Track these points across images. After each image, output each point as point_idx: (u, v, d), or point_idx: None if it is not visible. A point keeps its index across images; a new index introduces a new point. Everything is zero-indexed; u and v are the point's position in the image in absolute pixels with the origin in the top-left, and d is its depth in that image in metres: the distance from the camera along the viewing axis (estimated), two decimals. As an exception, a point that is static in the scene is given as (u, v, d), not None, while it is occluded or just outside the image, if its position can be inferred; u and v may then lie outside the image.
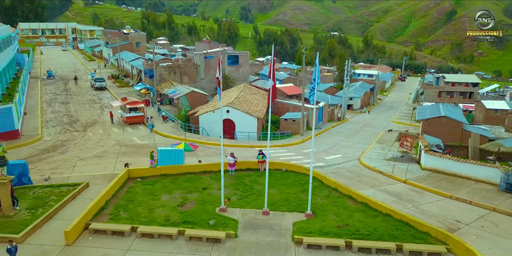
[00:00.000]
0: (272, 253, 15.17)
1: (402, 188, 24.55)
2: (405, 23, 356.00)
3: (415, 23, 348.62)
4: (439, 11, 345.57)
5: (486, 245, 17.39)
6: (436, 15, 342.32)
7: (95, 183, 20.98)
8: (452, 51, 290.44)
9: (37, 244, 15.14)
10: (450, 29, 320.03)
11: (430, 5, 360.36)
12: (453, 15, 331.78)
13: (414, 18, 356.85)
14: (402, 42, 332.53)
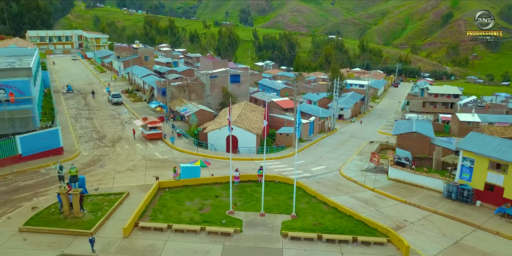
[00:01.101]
0: (266, 243, 22.16)
1: (369, 195, 31.58)
2: (403, 26, 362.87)
3: (412, 26, 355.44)
4: (435, 14, 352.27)
5: (420, 238, 24.45)
6: (433, 18, 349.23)
7: (133, 192, 27.95)
8: (448, 54, 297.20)
9: (104, 237, 22.07)
10: (446, 32, 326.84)
11: (427, 8, 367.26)
12: (450, 18, 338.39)
13: (411, 21, 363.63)
14: (399, 44, 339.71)
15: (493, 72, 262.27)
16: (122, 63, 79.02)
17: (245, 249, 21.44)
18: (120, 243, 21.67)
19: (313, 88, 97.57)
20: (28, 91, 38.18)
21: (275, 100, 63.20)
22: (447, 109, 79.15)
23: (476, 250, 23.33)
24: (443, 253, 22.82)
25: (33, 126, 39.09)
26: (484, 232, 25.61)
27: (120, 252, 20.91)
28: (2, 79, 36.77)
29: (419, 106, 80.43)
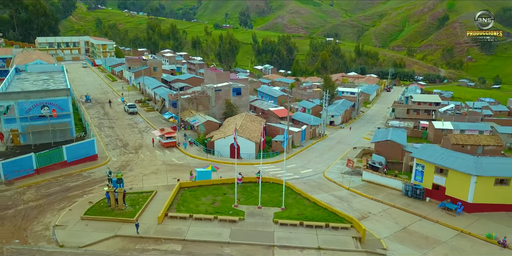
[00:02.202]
0: (262, 228, 30.61)
1: (345, 193, 40.07)
2: (400, 28, 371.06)
3: (409, 28, 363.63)
4: (432, 16, 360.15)
5: (378, 225, 32.94)
6: (429, 20, 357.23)
7: (160, 190, 36.40)
8: (443, 56, 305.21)
9: (143, 223, 30.49)
10: (442, 34, 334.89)
11: (424, 10, 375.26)
12: (446, 21, 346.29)
13: (408, 23, 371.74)
14: (396, 46, 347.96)
15: (487, 74, 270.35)
16: (133, 74, 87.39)
17: (246, 232, 29.92)
18: (156, 227, 30.16)
19: (308, 94, 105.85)
20: (66, 107, 46.60)
21: (272, 109, 71.62)
22: (429, 116, 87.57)
23: (418, 233, 31.87)
24: (392, 235, 31.35)
25: (70, 136, 47.58)
26: (428, 221, 34.15)
27: (157, 233, 29.40)
28: (46, 98, 45.17)
29: (403, 113, 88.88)
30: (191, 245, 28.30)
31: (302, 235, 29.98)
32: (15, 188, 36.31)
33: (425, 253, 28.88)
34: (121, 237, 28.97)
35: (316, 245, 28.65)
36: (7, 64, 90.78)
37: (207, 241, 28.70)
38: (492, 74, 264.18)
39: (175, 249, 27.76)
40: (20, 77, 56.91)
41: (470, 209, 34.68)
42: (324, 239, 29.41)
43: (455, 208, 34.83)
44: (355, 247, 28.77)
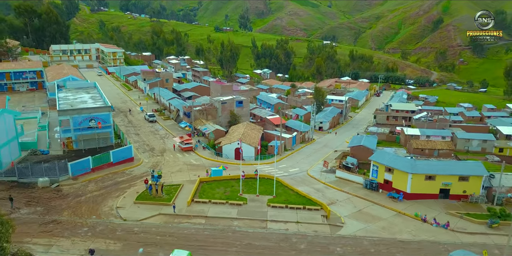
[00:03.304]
0: (259, 209, 45.02)
1: (321, 186, 54.44)
2: (396, 30, 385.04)
3: (405, 31, 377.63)
4: (427, 19, 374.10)
5: (341, 208, 47.36)
6: (425, 23, 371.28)
7: (185, 184, 50.75)
8: (436, 59, 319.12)
9: (177, 206, 44.90)
10: (436, 37, 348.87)
11: (419, 12, 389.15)
12: (440, 24, 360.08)
13: (404, 26, 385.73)
14: (392, 49, 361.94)
15: (478, 77, 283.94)
16: (148, 85, 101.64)
17: (248, 211, 44.34)
18: (186, 208, 44.55)
19: (301, 101, 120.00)
20: (108, 120, 60.90)
21: (269, 118, 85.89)
22: (406, 122, 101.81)
23: (368, 214, 46.24)
24: (350, 215, 45.73)
25: (110, 143, 61.91)
26: (378, 206, 48.52)
27: (187, 212, 43.78)
28: (93, 114, 59.46)
29: (384, 119, 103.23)
30: (211, 219, 42.70)
31: (287, 213, 44.39)
32: (80, 182, 50.67)
33: (368, 225, 43.30)
34: (163, 214, 43.35)
35: (296, 220, 43.07)
36: (37, 76, 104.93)
37: (221, 217, 43.10)
38: (483, 77, 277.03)
39: (200, 222, 42.17)
40: (64, 94, 71.12)
41: (408, 197, 49.11)
42: (301, 216, 43.85)
43: (398, 196, 49.26)
44: (322, 221, 43.21)
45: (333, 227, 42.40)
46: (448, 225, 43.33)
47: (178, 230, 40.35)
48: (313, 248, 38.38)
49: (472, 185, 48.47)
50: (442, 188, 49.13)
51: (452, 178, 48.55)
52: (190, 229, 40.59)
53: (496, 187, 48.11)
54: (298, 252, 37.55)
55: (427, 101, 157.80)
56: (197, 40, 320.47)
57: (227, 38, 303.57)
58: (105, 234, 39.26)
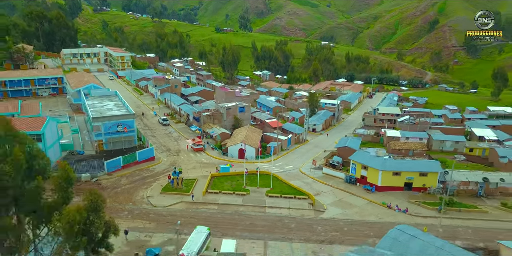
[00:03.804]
0: (259, 198, 57.67)
1: (310, 180, 67.08)
2: (393, 30, 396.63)
3: (402, 31, 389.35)
4: (424, 19, 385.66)
5: (325, 197, 60.07)
6: (421, 23, 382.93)
7: (199, 178, 63.38)
8: (432, 59, 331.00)
9: (194, 195, 57.54)
10: (432, 37, 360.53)
11: (416, 13, 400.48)
12: (436, 24, 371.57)
13: (401, 26, 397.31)
14: (389, 48, 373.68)
15: (472, 77, 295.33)
16: (159, 90, 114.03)
17: (251, 200, 57.03)
18: (202, 197, 57.21)
19: (298, 104, 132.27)
20: (132, 125, 73.37)
21: (268, 121, 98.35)
22: (392, 124, 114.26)
23: (346, 202, 58.89)
24: (331, 203, 58.36)
25: (133, 144, 74.41)
26: (355, 196, 61.14)
27: (203, 200, 56.40)
28: (120, 120, 71.90)
29: (371, 122, 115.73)
30: (221, 206, 55.30)
31: (281, 201, 57.01)
32: (114, 177, 63.23)
33: (345, 211, 55.93)
34: (184, 202, 55.93)
35: (288, 206, 55.68)
36: (58, 82, 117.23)
37: (230, 204, 55.70)
38: (476, 78, 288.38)
39: (214, 208, 54.78)
40: (91, 101, 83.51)
41: (379, 189, 61.72)
42: (292, 203, 56.51)
43: (371, 188, 61.87)
44: (308, 208, 55.84)
45: (317, 212, 55.04)
46: (407, 210, 55.99)
47: (197, 213, 52.96)
48: (300, 227, 51.00)
49: (430, 180, 61.11)
50: (406, 182, 61.76)
51: (414, 174, 61.18)
52: (206, 213, 53.19)
53: (449, 181, 60.70)
54: (289, 230, 50.17)
55: (416, 103, 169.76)
56: (199, 40, 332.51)
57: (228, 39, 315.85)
58: (141, 216, 51.85)
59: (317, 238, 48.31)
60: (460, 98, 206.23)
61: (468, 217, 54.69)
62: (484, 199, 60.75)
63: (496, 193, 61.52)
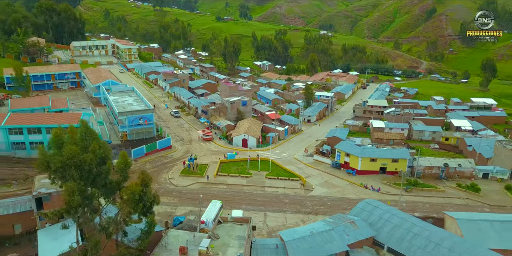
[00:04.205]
0: (259, 179, 71.78)
1: (302, 165, 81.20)
2: (391, 19, 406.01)
3: (400, 19, 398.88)
4: (421, 8, 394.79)
5: (314, 179, 74.27)
6: (419, 12, 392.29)
7: (210, 164, 77.42)
8: (428, 48, 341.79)
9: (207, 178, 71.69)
10: (429, 26, 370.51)
11: (414, 1, 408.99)
12: (433, 13, 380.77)
13: (399, 14, 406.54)
14: (387, 37, 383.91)
15: (466, 66, 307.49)
16: (168, 84, 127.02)
17: (253, 181, 71.22)
18: (214, 179, 71.34)
19: (295, 96, 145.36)
20: (151, 119, 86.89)
21: (267, 113, 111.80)
22: (379, 115, 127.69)
23: (331, 183, 73.06)
24: (319, 184, 72.53)
25: (152, 135, 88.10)
26: (338, 178, 75.29)
27: (215, 181, 70.54)
28: (141, 114, 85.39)
29: (361, 113, 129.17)
30: (230, 186, 69.38)
31: (278, 182, 71.08)
32: (139, 163, 77.10)
33: (329, 190, 70.07)
34: (200, 183, 70.00)
35: (283, 186, 69.80)
36: (76, 76, 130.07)
37: (236, 184, 69.76)
38: (470, 67, 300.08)
39: (223, 187, 68.86)
40: (113, 97, 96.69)
41: (359, 173, 75.72)
42: (286, 184, 70.65)
43: (352, 172, 75.90)
44: (300, 187, 69.94)
45: (306, 191, 69.18)
46: (379, 189, 70.10)
47: (210, 191, 67.02)
48: (293, 202, 65.12)
49: (401, 165, 75.08)
50: (381, 167, 75.71)
51: (387, 160, 75.12)
52: (218, 191, 67.29)
53: (416, 166, 74.62)
54: (283, 204, 64.30)
55: (407, 94, 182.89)
56: (200, 29, 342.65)
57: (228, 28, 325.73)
58: (166, 194, 65.85)
59: (305, 210, 62.49)
60: (450, 88, 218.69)
61: (428, 195, 68.91)
62: (444, 181, 74.83)
63: (455, 176, 75.56)
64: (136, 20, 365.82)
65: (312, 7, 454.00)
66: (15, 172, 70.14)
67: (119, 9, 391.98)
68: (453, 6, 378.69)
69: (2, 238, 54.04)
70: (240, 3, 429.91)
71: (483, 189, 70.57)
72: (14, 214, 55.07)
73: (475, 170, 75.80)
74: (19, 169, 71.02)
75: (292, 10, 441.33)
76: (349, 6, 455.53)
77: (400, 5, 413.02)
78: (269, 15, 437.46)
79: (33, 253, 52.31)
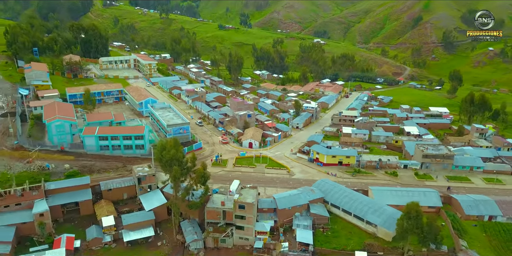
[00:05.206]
0: (260, 170, 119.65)
1: (289, 160, 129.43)
2: (381, 25, 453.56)
3: (389, 26, 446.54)
4: (409, 15, 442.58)
5: (296, 169, 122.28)
6: (407, 19, 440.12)
7: (229, 159, 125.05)
8: (412, 55, 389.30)
9: (228, 167, 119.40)
10: (415, 34, 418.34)
11: (403, 9, 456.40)
12: (419, 21, 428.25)
13: (389, 21, 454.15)
14: (376, 43, 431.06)
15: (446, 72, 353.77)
16: (191, 99, 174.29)
17: (257, 170, 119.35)
18: (232, 168, 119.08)
19: (288, 106, 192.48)
20: (188, 129, 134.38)
21: (266, 122, 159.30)
22: (351, 123, 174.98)
23: (306, 171, 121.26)
24: (298, 171, 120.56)
25: (188, 139, 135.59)
26: (311, 168, 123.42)
27: (233, 170, 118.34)
28: (181, 126, 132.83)
29: (338, 121, 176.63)
30: (243, 172, 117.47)
31: (272, 170, 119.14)
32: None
33: (305, 175, 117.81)
34: (224, 171, 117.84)
35: (276, 173, 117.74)
36: (119, 93, 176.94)
37: (247, 172, 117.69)
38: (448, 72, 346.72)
39: (239, 173, 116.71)
40: (157, 112, 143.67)
41: (325, 165, 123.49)
42: (278, 172, 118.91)
43: (320, 164, 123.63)
44: (286, 173, 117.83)
45: (290, 175, 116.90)
46: (335, 175, 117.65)
47: (231, 176, 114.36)
48: (281, 182, 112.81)
49: (351, 159, 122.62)
50: (339, 161, 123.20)
51: (343, 156, 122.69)
52: (236, 176, 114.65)
53: (361, 160, 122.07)
54: (276, 183, 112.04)
55: (382, 102, 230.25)
56: (204, 37, 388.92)
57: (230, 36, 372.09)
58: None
59: (289, 186, 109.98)
60: (423, 95, 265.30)
61: (365, 178, 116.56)
62: (379, 170, 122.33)
63: (386, 167, 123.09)
64: (144, 28, 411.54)
65: (308, 12, 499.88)
66: (109, 164, 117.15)
67: (127, 17, 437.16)
68: (438, 14, 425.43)
69: (116, 201, 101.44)
70: (239, 9, 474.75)
71: (400, 175, 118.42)
72: (123, 187, 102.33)
73: (398, 163, 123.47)
74: (110, 163, 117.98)
75: (289, 16, 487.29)
76: (343, 11, 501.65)
77: (390, 12, 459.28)
78: (267, 20, 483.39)
79: (136, 208, 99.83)
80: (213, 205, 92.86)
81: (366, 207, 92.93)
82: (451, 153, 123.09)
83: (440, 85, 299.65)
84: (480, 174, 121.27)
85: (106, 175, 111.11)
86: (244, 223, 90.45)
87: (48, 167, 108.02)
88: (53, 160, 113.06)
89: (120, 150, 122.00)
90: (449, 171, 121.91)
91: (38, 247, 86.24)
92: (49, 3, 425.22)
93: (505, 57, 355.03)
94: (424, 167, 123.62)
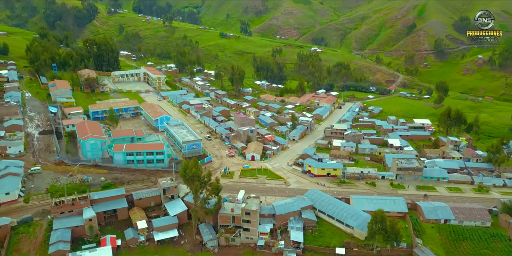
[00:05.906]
0: (261, 181, 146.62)
1: (285, 171, 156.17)
2: (377, 32, 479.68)
3: (384, 33, 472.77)
4: (404, 23, 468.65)
5: (291, 179, 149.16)
6: (401, 27, 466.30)
7: (235, 171, 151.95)
8: (405, 62, 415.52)
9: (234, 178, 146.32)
10: (409, 41, 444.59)
11: (398, 16, 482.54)
12: (413, 28, 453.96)
13: (384, 28, 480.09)
14: (372, 50, 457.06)
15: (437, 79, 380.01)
16: (199, 115, 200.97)
17: (259, 180, 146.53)
18: (238, 179, 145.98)
19: (286, 119, 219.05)
20: (200, 145, 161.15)
21: (266, 136, 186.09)
22: (341, 136, 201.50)
23: (300, 181, 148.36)
24: (293, 182, 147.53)
25: (200, 153, 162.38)
26: (304, 179, 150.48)
27: (239, 181, 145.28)
28: (194, 142, 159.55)
29: (329, 133, 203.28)
30: (247, 183, 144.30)
31: (271, 181, 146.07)
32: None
33: (298, 185, 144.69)
34: (231, 181, 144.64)
35: (274, 183, 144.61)
36: (135, 109, 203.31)
37: (250, 182, 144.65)
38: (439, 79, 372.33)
39: (244, 184, 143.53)
40: (172, 129, 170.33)
41: (316, 176, 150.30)
42: (276, 182, 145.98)
43: (312, 176, 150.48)
44: (283, 184, 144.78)
45: (287, 186, 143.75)
46: (324, 185, 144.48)
47: (237, 186, 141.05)
48: (279, 191, 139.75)
49: (338, 171, 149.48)
50: (328, 173, 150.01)
51: (330, 169, 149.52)
52: (241, 186, 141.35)
53: (346, 172, 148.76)
54: (274, 192, 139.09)
55: (372, 113, 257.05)
56: (206, 46, 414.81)
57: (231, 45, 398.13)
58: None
59: (285, 195, 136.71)
60: (411, 105, 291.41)
61: (348, 188, 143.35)
62: (361, 180, 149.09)
63: (367, 178, 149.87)
64: (148, 36, 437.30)
65: (306, 19, 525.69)
66: (136, 176, 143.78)
67: (132, 24, 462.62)
68: (430, 22, 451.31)
69: (145, 208, 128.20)
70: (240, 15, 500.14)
71: (378, 184, 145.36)
72: (151, 197, 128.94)
73: (377, 174, 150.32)
74: (136, 175, 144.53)
75: (287, 22, 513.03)
76: (340, 17, 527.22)
77: (385, 19, 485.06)
78: (267, 26, 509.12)
79: (162, 213, 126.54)
80: (225, 211, 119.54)
81: (346, 213, 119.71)
82: (421, 166, 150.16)
83: (429, 94, 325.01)
84: (445, 183, 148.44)
85: (134, 186, 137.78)
86: (249, 225, 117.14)
87: (87, 179, 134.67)
88: (90, 173, 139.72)
89: (143, 163, 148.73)
90: (419, 181, 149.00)
91: (88, 245, 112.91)
92: (56, 11, 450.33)
93: (493, 65, 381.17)
94: (399, 178, 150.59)
